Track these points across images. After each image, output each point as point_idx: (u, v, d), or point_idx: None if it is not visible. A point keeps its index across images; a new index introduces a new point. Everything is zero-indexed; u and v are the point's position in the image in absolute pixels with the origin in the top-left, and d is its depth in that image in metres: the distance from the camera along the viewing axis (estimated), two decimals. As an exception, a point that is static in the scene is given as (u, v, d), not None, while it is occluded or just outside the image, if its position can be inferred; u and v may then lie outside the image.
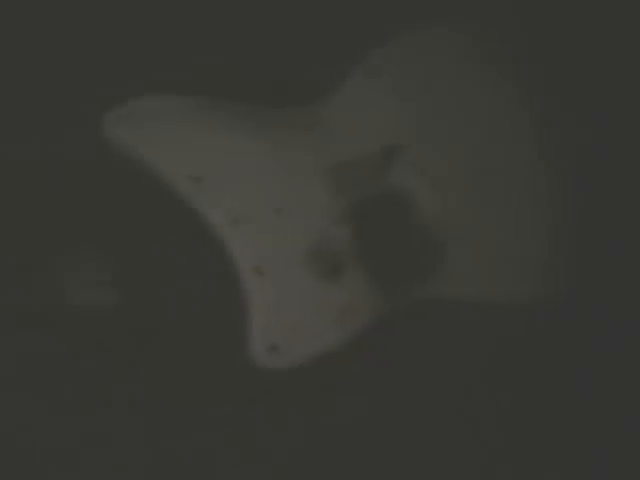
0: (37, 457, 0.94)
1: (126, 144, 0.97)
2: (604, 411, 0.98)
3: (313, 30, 1.04)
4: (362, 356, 0.96)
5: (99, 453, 0.94)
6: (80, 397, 0.96)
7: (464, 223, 1.00)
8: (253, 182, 0.97)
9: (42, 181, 0.99)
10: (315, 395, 0.96)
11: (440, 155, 1.01)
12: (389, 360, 0.98)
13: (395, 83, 1.02)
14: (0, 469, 0.92)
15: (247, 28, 1.04)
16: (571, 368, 1.00)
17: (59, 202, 0.99)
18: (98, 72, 1.03)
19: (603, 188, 1.02)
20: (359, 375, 0.97)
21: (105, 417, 0.96)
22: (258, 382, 0.94)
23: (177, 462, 0.96)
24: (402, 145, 1.00)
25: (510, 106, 1.03)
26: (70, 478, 0.94)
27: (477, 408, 0.99)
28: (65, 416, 0.95)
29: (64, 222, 0.99)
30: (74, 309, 0.96)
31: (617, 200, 1.02)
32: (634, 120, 1.03)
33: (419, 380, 0.99)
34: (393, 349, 0.98)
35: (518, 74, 1.03)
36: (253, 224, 0.96)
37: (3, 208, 0.98)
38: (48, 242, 0.98)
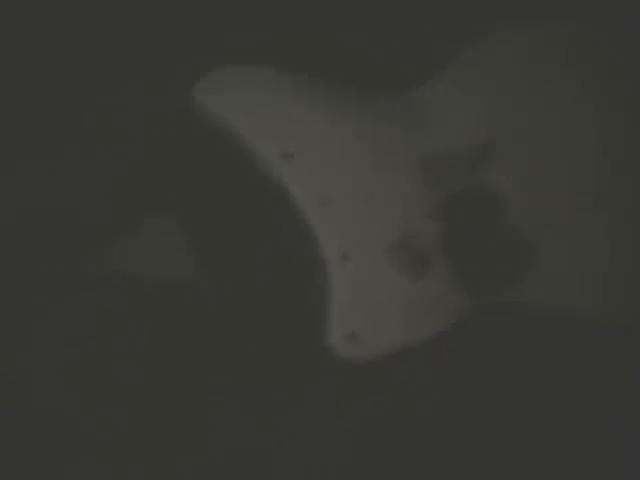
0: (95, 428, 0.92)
1: (218, 113, 0.94)
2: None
3: (416, 16, 1.01)
4: (441, 355, 0.93)
5: (165, 429, 0.91)
6: (145, 372, 0.93)
7: (556, 227, 0.96)
8: (346, 165, 0.94)
9: (130, 148, 0.97)
10: (387, 391, 0.93)
11: (532, 157, 0.97)
12: (467, 361, 0.95)
13: (491, 79, 0.99)
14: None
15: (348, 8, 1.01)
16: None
17: (146, 169, 0.96)
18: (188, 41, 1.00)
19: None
20: (435, 374, 0.94)
21: (170, 394, 0.93)
22: (332, 371, 0.91)
23: (239, 446, 0.93)
24: (495, 143, 0.97)
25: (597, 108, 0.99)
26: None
27: (544, 416, 0.95)
28: (132, 389, 0.92)
29: (148, 190, 0.96)
30: (151, 280, 0.93)
31: None
32: None
33: (492, 385, 0.95)
34: (472, 351, 0.94)
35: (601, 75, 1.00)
36: (343, 208, 0.93)
37: (89, 174, 0.96)
38: (131, 209, 0.95)
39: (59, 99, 0.98)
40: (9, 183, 0.95)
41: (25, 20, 0.98)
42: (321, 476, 0.92)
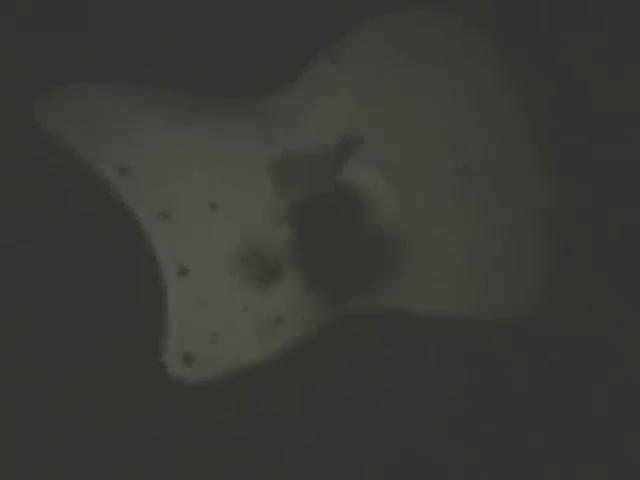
0: None
1: (57, 130, 0.90)
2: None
3: (275, 16, 0.95)
4: (287, 374, 0.85)
5: None
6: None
7: (423, 227, 0.88)
8: (188, 173, 0.88)
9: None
10: (229, 411, 0.86)
11: (402, 150, 0.90)
12: (322, 377, 0.87)
13: (359, 70, 0.92)
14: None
15: (201, 9, 0.95)
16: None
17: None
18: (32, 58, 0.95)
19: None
20: (278, 392, 0.86)
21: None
22: (171, 392, 0.85)
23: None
24: (360, 137, 0.89)
25: (488, 97, 0.91)
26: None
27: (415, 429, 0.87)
28: None
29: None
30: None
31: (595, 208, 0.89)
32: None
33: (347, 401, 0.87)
34: (325, 367, 0.87)
35: (501, 64, 0.91)
36: (183, 219, 0.87)
37: None
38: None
39: None
40: None
41: None
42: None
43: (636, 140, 0.92)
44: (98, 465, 0.87)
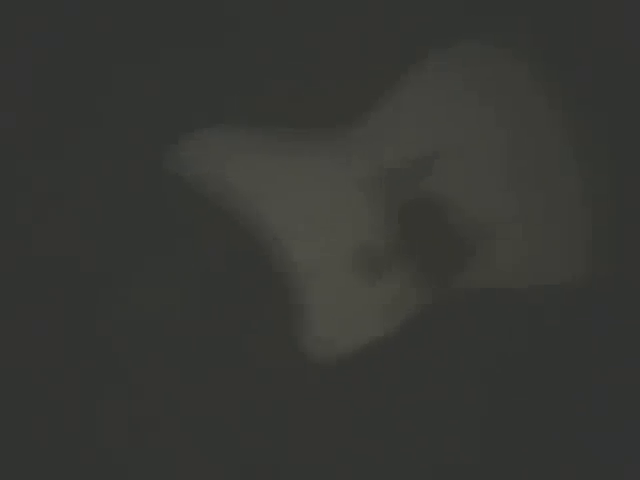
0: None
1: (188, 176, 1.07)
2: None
3: (347, 48, 1.09)
4: (409, 346, 1.03)
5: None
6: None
7: (499, 221, 1.07)
8: (300, 196, 1.06)
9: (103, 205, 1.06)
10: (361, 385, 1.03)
11: (474, 162, 1.08)
12: (434, 350, 1.04)
13: (439, 89, 1.10)
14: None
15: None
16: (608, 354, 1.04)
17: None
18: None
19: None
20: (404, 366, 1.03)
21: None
22: (309, 375, 1.01)
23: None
24: (439, 152, 1.08)
25: (542, 111, 1.10)
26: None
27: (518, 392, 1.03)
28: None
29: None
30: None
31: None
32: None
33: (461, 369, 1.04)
34: (437, 339, 1.04)
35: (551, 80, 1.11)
36: (304, 234, 1.05)
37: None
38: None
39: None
40: None
41: None
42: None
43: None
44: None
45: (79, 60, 1.06)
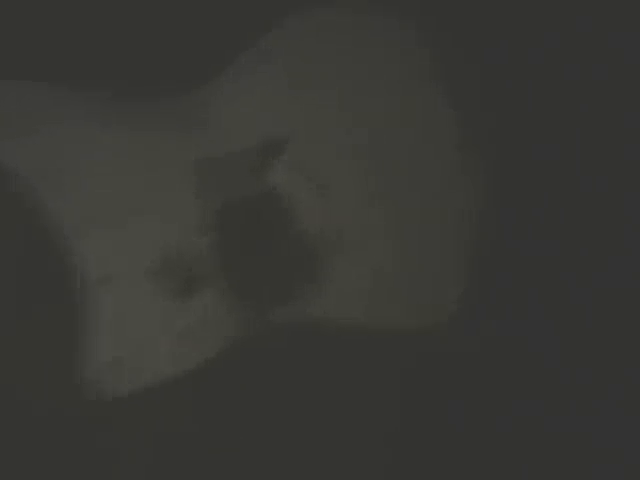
0: None
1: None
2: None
3: (196, 14, 0.92)
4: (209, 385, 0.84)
5: None
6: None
7: (348, 233, 0.86)
8: (107, 179, 0.86)
9: None
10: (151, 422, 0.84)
11: (330, 154, 0.88)
12: (251, 381, 0.85)
13: (285, 70, 0.89)
14: None
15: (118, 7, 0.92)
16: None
17: None
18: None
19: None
20: (200, 402, 0.84)
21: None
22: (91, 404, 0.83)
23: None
24: (285, 140, 0.87)
25: (412, 94, 0.89)
26: None
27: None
28: None
29: None
30: None
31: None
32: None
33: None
34: (247, 379, 0.85)
35: (432, 69, 0.89)
36: (103, 227, 0.85)
37: None
38: None
39: None
40: None
41: None
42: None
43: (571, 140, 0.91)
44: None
45: None
